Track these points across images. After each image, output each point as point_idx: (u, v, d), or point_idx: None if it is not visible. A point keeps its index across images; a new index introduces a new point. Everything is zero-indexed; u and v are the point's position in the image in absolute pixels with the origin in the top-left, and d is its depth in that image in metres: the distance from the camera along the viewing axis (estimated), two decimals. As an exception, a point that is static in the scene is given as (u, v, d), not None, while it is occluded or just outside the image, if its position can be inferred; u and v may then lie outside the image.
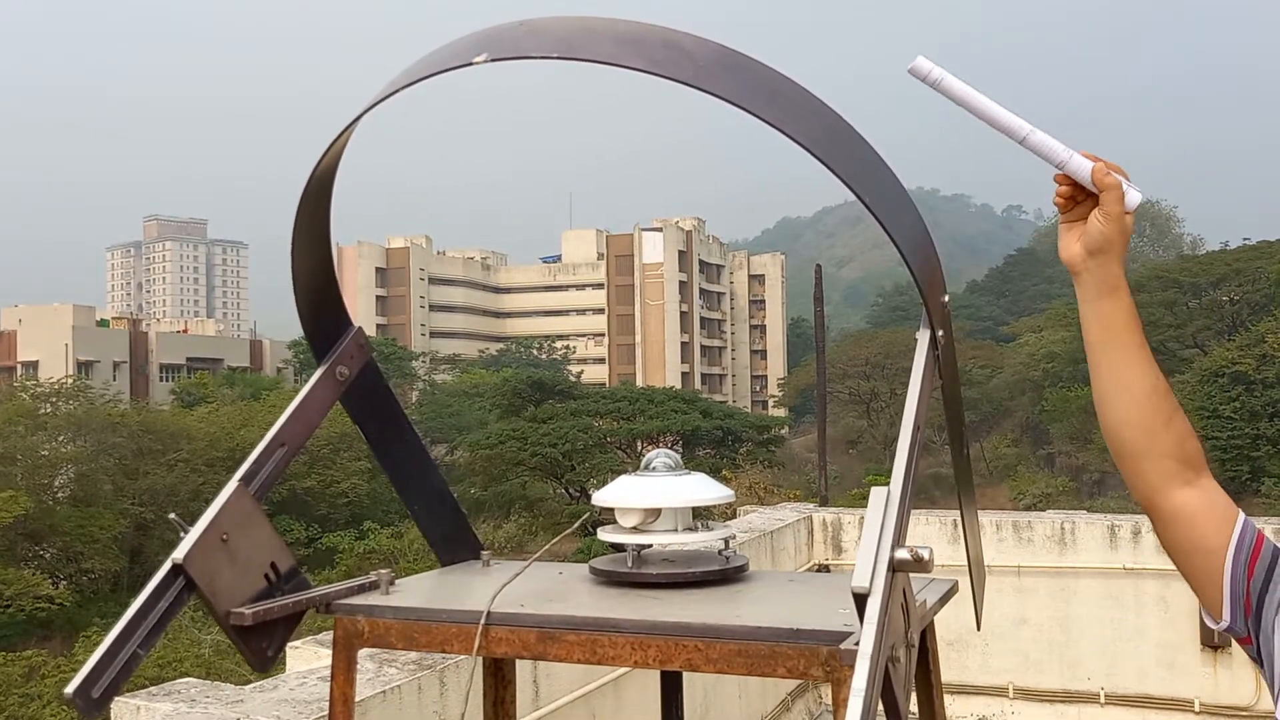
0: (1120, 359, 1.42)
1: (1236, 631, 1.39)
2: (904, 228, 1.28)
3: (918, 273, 1.29)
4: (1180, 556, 1.44)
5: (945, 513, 7.74)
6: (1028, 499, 41.60)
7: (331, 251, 1.65)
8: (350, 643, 1.55)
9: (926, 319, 1.33)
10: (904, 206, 1.31)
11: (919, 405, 1.25)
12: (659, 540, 1.64)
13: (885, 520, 1.10)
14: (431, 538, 1.86)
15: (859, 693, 0.96)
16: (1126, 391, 1.41)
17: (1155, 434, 1.41)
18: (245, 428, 38.27)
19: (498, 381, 55.39)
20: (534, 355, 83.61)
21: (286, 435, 1.58)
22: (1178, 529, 1.43)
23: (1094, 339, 1.45)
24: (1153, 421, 1.42)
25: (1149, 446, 1.42)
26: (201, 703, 3.13)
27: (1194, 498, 1.41)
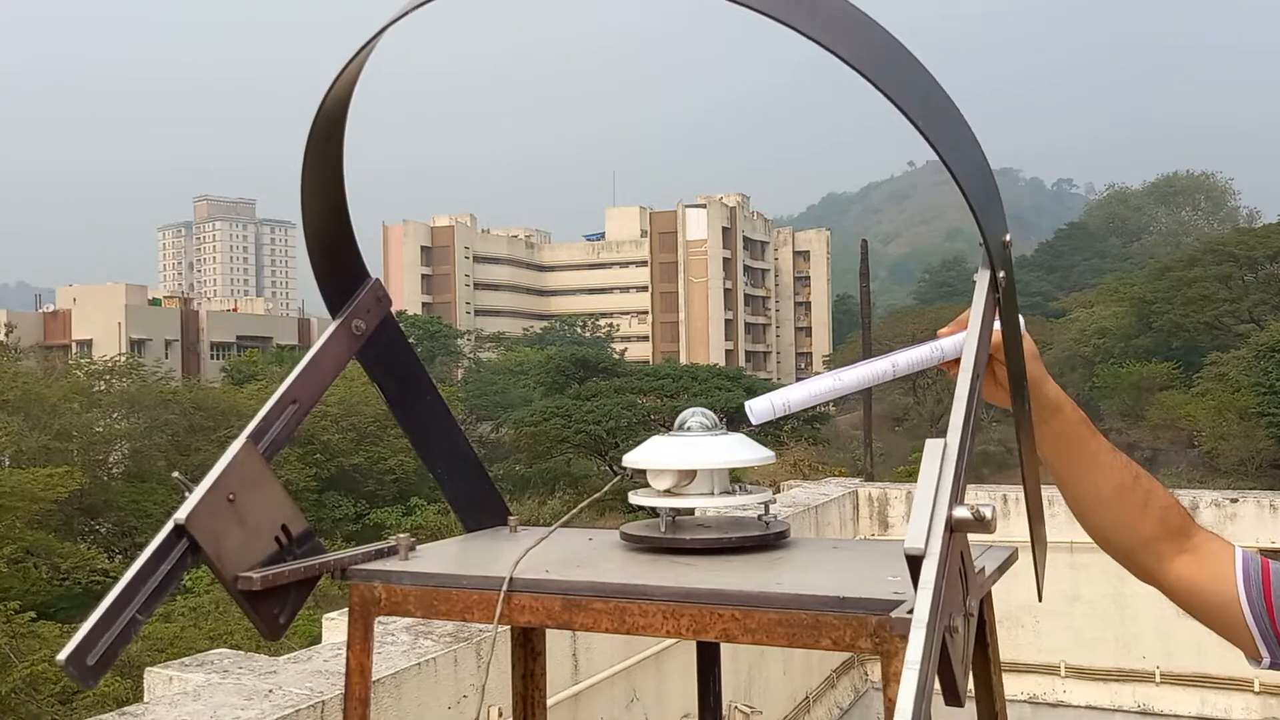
0: (1082, 468, 1.42)
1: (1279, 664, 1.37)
2: (963, 159, 1.16)
3: (978, 208, 1.16)
4: (1201, 616, 1.44)
5: (995, 487, 7.56)
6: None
7: (345, 194, 1.55)
8: (367, 610, 1.47)
9: (986, 257, 1.20)
10: (963, 136, 1.18)
11: (978, 350, 1.13)
12: (694, 504, 1.53)
13: (942, 474, 0.98)
14: (456, 503, 1.77)
15: (913, 665, 0.85)
16: (1096, 497, 1.42)
17: (1136, 526, 1.42)
18: (293, 405, 38.59)
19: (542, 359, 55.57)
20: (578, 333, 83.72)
21: (298, 392, 1.49)
22: (1187, 596, 1.44)
23: (1051, 457, 1.45)
24: (1130, 516, 1.42)
25: (1134, 539, 1.43)
26: (234, 673, 3.09)
27: (1192, 562, 1.42)
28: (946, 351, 1.39)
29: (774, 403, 1.40)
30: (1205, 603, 1.43)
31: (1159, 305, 53.67)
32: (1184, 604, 1.46)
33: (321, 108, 1.38)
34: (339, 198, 1.54)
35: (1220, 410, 42.00)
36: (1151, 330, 53.86)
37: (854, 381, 1.41)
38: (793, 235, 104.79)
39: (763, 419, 1.38)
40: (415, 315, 73.85)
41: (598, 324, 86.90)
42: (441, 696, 3.37)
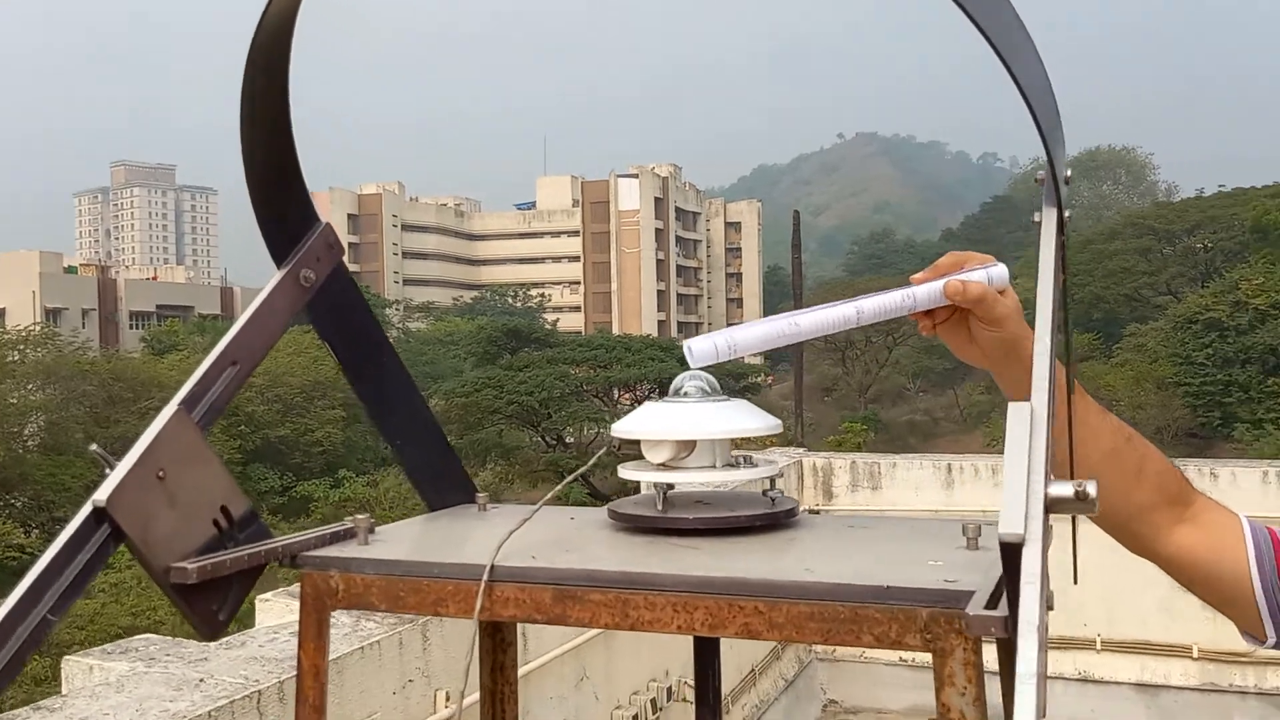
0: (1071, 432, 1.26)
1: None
2: (1029, 73, 0.99)
3: (1046, 135, 1.00)
4: (1203, 591, 1.32)
5: (939, 457, 7.54)
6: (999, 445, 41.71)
7: (290, 122, 1.33)
8: (321, 603, 1.27)
9: (1052, 193, 1.04)
10: (1032, 55, 1.02)
11: (1054, 301, 0.97)
12: (696, 478, 1.36)
13: (1034, 445, 0.82)
14: (417, 478, 1.57)
15: (1028, 679, 0.68)
16: (1085, 463, 1.25)
17: (1131, 493, 1.30)
18: (217, 376, 37.72)
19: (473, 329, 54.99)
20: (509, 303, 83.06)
21: (238, 352, 1.28)
22: (1189, 569, 1.31)
23: None
24: (1124, 482, 1.29)
25: (1129, 508, 1.30)
26: (161, 661, 2.86)
27: (1193, 533, 1.30)
28: (919, 300, 1.26)
29: (717, 343, 1.25)
30: (1208, 576, 1.31)
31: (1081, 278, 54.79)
32: (1184, 578, 1.34)
33: (264, 17, 1.16)
34: (284, 126, 1.32)
35: (1138, 380, 43.09)
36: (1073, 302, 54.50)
37: (810, 326, 1.25)
38: (724, 206, 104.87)
39: (704, 362, 1.23)
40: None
41: (529, 294, 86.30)
42: (386, 681, 3.18)
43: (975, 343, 1.30)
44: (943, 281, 1.27)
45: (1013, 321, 1.27)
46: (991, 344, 1.28)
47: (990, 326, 1.27)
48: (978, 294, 1.24)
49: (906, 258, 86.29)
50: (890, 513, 6.83)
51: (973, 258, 1.31)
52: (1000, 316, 1.26)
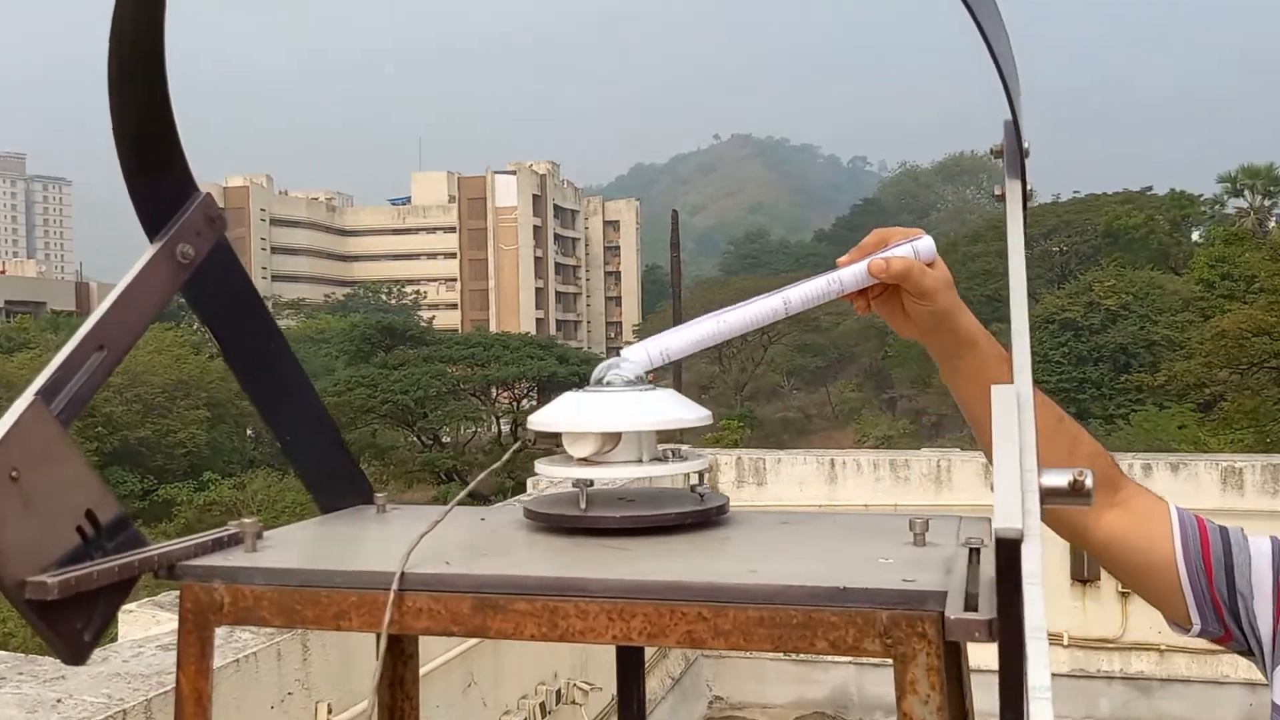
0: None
1: (1211, 632, 1.26)
2: (1000, 44, 0.92)
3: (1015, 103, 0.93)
4: (1130, 577, 1.31)
5: (823, 452, 7.61)
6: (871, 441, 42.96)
7: (167, 80, 1.18)
8: (204, 619, 1.12)
9: (1017, 165, 0.98)
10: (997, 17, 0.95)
11: (1027, 274, 0.90)
12: (622, 474, 1.26)
13: (1023, 430, 0.75)
14: (309, 477, 1.43)
15: (1044, 691, 0.61)
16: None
17: None
18: (71, 374, 35.97)
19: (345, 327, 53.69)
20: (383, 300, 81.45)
21: (106, 335, 1.12)
22: (1119, 555, 1.30)
23: (965, 397, 1.34)
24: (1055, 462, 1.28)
25: None
26: (13, 680, 2.62)
27: (1123, 518, 1.29)
28: (845, 283, 1.27)
29: (650, 352, 1.24)
30: (1135, 562, 1.30)
31: (947, 279, 56.66)
32: (1111, 563, 1.33)
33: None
34: (159, 79, 1.17)
35: (1000, 378, 44.76)
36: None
37: (739, 323, 1.27)
38: (603, 205, 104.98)
39: (639, 370, 1.21)
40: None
41: (404, 291, 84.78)
42: (263, 695, 2.99)
43: (910, 322, 1.30)
44: (866, 262, 1.26)
45: (942, 294, 1.27)
46: (923, 317, 1.28)
47: (920, 300, 1.26)
48: (901, 269, 1.24)
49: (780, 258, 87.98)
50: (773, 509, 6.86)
51: (897, 233, 1.29)
52: (928, 289, 1.25)
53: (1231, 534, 1.27)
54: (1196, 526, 1.29)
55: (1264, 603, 1.20)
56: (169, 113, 1.21)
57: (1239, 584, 1.22)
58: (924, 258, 1.26)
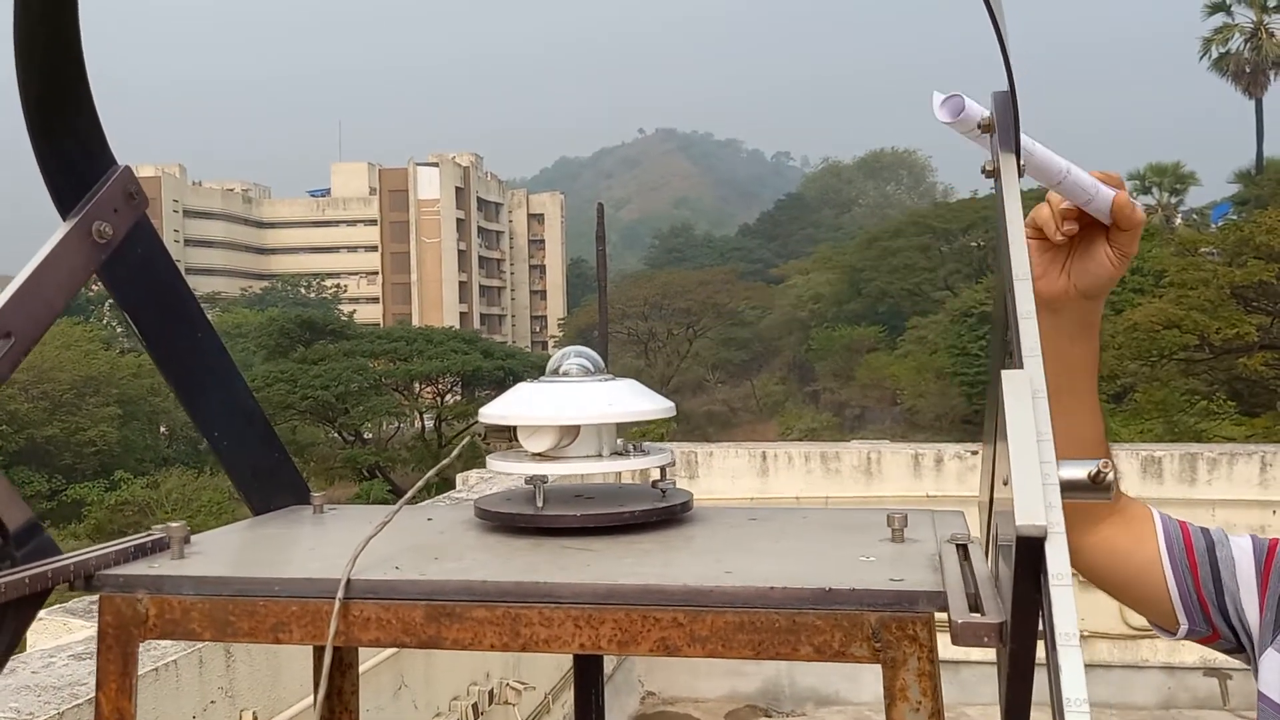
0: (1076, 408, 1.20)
1: (1198, 632, 1.25)
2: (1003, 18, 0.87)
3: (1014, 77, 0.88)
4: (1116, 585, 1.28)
5: (754, 445, 7.60)
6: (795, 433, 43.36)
7: (79, 35, 1.07)
8: (126, 633, 1.02)
9: (1011, 139, 0.92)
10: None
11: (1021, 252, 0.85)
12: (580, 469, 1.18)
13: (1039, 419, 0.69)
14: (239, 476, 1.33)
15: (1081, 705, 0.55)
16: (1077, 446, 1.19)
17: None
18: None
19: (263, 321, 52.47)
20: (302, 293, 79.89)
21: (13, 322, 1.01)
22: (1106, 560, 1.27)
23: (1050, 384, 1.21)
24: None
25: None
26: (-92, 698, 2.45)
27: (1117, 524, 1.27)
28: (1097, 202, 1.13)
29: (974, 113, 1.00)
30: (1125, 567, 1.28)
31: (867, 273, 57.47)
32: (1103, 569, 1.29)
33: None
34: (71, 37, 1.06)
35: (920, 370, 45.54)
36: (861, 296, 57.61)
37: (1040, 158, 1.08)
38: (527, 197, 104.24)
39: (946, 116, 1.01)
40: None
41: (324, 284, 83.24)
42: (184, 704, 2.85)
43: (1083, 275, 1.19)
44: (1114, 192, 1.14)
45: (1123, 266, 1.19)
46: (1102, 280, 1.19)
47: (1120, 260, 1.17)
48: (1140, 219, 1.15)
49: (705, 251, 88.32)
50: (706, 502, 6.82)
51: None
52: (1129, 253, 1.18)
53: (1213, 533, 1.26)
54: (1179, 529, 1.28)
55: (1250, 595, 1.18)
56: (82, 72, 1.10)
57: (1225, 580, 1.21)
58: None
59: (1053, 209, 1.16)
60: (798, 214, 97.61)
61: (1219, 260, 25.30)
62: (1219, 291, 23.40)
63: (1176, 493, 6.84)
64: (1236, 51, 36.16)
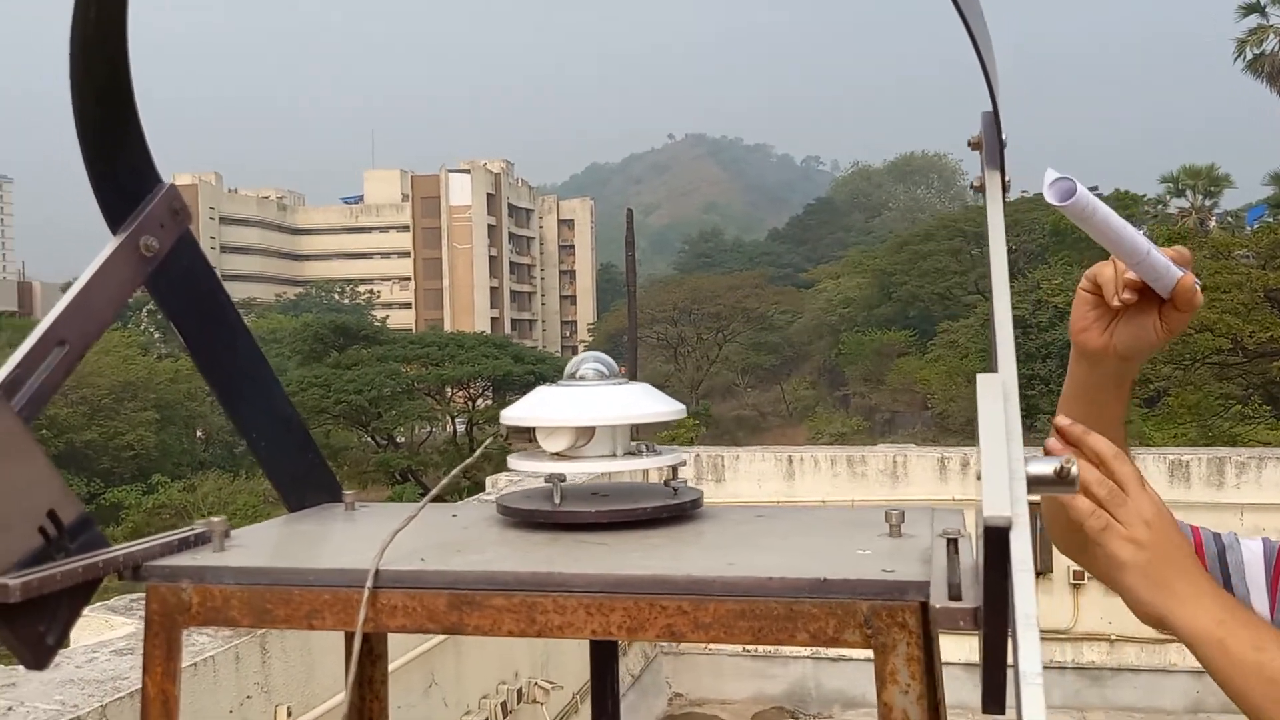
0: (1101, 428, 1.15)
1: None
2: (981, 31, 0.93)
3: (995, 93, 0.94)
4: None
5: (781, 449, 7.64)
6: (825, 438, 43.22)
7: (129, 64, 1.15)
8: (171, 620, 1.10)
9: (997, 156, 0.98)
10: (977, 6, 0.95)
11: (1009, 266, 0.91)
12: (596, 468, 1.25)
13: (1009, 419, 0.75)
14: (276, 476, 1.40)
15: (1035, 678, 0.61)
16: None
17: None
18: (13, 376, 35.28)
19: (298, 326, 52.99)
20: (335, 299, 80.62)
21: (67, 330, 1.09)
22: None
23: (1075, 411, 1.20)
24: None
25: None
26: (-41, 690, 2.55)
27: None
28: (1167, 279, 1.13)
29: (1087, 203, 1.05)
30: None
31: (898, 277, 57.22)
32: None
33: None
34: (121, 64, 1.14)
35: (950, 374, 45.25)
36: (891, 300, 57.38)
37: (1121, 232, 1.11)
38: (557, 203, 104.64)
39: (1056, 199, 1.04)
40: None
41: (357, 290, 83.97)
42: (221, 699, 2.94)
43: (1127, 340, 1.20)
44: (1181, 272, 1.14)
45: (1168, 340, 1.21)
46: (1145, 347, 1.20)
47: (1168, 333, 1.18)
48: (1199, 302, 1.16)
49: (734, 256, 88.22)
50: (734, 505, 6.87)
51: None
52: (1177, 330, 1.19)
53: (1224, 538, 1.28)
54: (1191, 533, 1.30)
55: (1260, 597, 1.21)
56: (131, 99, 1.18)
57: (1235, 584, 1.22)
58: None
59: (1117, 273, 1.17)
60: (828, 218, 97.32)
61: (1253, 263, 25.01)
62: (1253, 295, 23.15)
63: (1204, 496, 6.81)
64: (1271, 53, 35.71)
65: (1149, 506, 0.97)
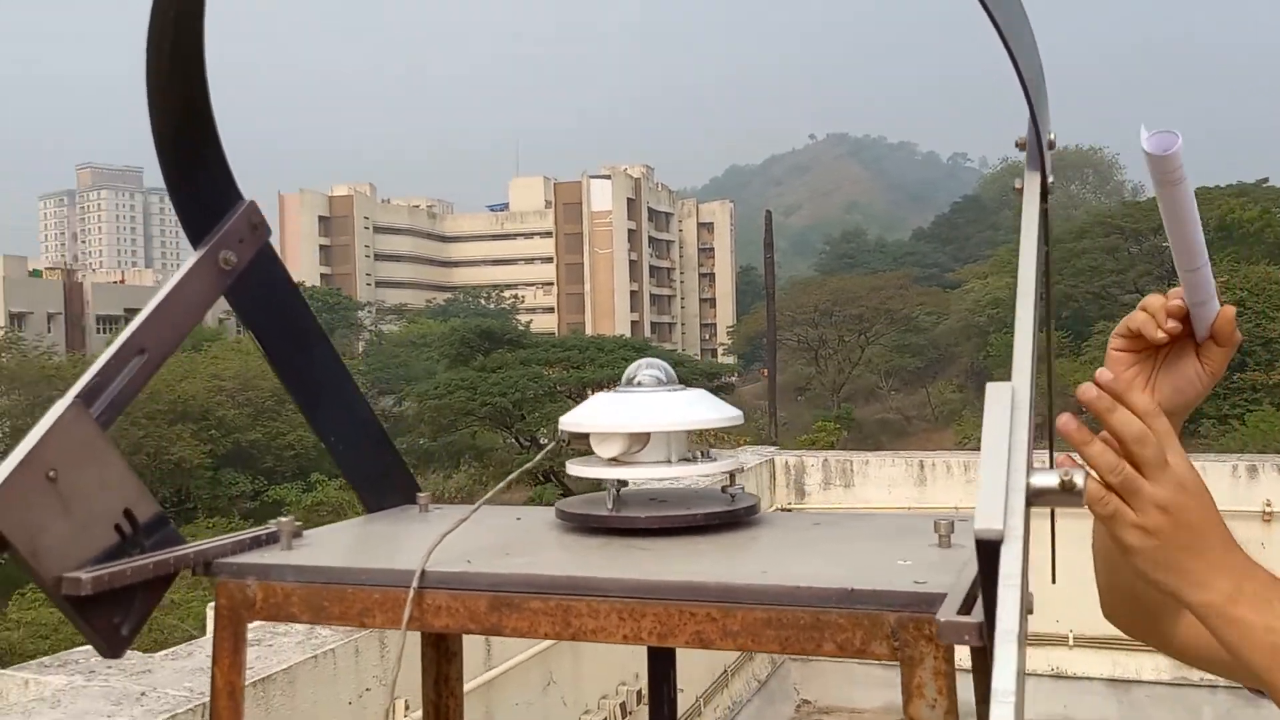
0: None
1: None
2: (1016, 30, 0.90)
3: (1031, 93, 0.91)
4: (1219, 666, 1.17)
5: (912, 454, 7.48)
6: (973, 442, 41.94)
7: (207, 88, 1.22)
8: (237, 615, 1.16)
9: (1036, 157, 0.95)
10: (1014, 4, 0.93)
11: (1037, 270, 0.88)
12: (648, 474, 1.26)
13: (1014, 429, 0.73)
14: (353, 477, 1.46)
15: (1006, 698, 0.59)
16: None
17: None
18: (186, 380, 37.47)
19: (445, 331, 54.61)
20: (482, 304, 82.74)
21: (147, 339, 1.17)
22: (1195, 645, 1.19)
23: None
24: None
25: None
26: (102, 674, 2.74)
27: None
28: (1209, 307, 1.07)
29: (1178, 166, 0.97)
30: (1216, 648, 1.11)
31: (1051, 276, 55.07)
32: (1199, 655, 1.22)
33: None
34: (199, 86, 1.21)
35: (1107, 377, 43.26)
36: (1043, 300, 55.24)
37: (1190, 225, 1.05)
38: (697, 207, 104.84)
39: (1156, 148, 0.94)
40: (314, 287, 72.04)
41: (502, 295, 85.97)
42: (341, 691, 3.06)
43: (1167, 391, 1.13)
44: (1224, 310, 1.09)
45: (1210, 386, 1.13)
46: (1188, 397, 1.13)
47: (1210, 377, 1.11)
48: (1239, 339, 1.10)
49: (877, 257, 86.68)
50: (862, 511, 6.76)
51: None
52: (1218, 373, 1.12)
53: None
54: None
55: None
56: (210, 119, 1.25)
57: None
58: None
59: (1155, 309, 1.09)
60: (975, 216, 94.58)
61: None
62: None
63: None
64: None
65: (1166, 490, 0.90)
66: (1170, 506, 0.90)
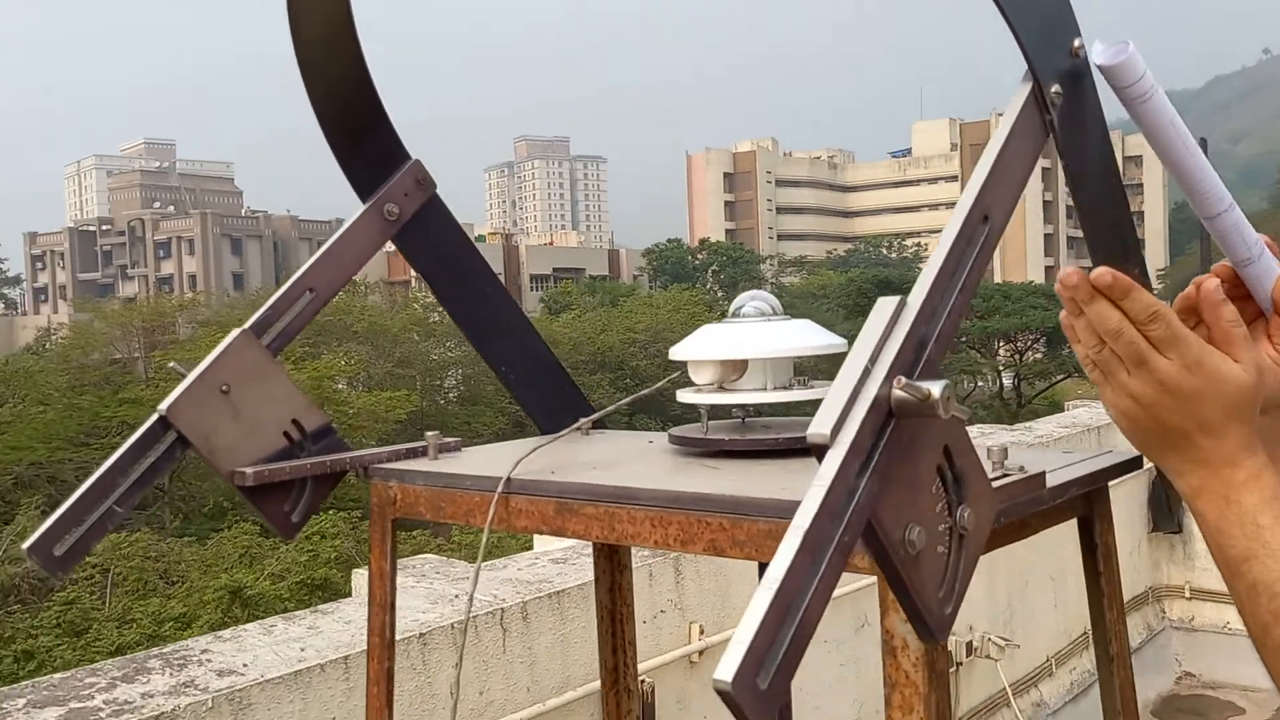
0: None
1: None
2: None
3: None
4: None
5: None
6: None
7: (365, 64, 1.42)
8: (384, 511, 1.38)
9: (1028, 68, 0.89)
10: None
11: (984, 187, 0.84)
12: (742, 399, 1.32)
13: (888, 338, 0.73)
14: (528, 404, 1.64)
15: (770, 584, 0.62)
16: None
17: None
18: (605, 332, 40.48)
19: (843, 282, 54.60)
20: (883, 254, 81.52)
21: (315, 279, 1.41)
22: None
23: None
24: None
25: None
26: (430, 578, 3.17)
27: None
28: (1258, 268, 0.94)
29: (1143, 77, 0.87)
30: None
31: None
32: None
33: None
34: (355, 51, 1.40)
35: None
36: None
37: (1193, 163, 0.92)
38: (1122, 139, 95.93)
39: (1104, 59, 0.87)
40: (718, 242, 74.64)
41: (904, 244, 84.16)
42: (637, 610, 3.32)
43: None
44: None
45: None
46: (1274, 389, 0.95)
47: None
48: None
49: (1350, 184, 74.59)
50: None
51: None
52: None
53: None
54: None
55: None
56: (368, 79, 1.44)
57: None
58: None
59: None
60: None
61: None
62: None
63: None
64: None
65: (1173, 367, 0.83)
66: (1141, 399, 0.84)
